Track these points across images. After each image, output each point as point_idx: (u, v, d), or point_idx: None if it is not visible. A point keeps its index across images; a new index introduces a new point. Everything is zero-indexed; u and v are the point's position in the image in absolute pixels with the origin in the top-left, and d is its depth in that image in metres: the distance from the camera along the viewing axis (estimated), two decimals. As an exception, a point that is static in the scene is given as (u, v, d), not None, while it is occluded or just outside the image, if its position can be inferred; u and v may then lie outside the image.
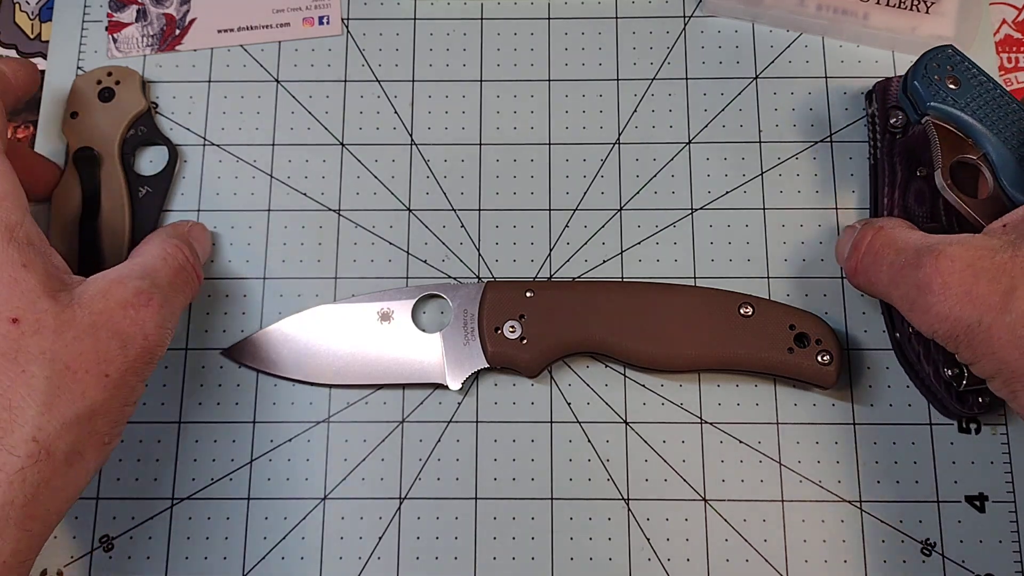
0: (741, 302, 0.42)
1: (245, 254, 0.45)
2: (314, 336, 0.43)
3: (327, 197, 0.46)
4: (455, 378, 0.42)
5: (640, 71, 0.48)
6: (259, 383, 0.43)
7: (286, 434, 0.43)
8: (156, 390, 0.43)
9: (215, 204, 0.46)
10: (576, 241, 0.45)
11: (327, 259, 0.45)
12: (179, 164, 0.46)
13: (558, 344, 0.42)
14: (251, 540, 0.41)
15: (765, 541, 0.41)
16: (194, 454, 0.42)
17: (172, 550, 0.41)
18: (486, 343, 0.42)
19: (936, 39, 0.46)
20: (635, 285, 0.43)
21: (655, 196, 0.46)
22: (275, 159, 0.47)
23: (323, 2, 0.49)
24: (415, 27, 0.48)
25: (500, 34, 0.48)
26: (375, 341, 0.43)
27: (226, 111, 0.47)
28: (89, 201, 0.44)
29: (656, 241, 0.45)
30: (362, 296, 0.44)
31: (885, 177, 0.43)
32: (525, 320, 0.42)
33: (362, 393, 0.43)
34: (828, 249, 0.45)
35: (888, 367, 0.43)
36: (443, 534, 0.41)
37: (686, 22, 0.48)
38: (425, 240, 0.45)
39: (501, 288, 0.43)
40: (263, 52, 0.48)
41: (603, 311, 0.42)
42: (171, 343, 0.44)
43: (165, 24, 0.49)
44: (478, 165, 0.46)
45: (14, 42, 0.49)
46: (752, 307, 0.42)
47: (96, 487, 0.42)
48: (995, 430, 0.42)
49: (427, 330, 0.43)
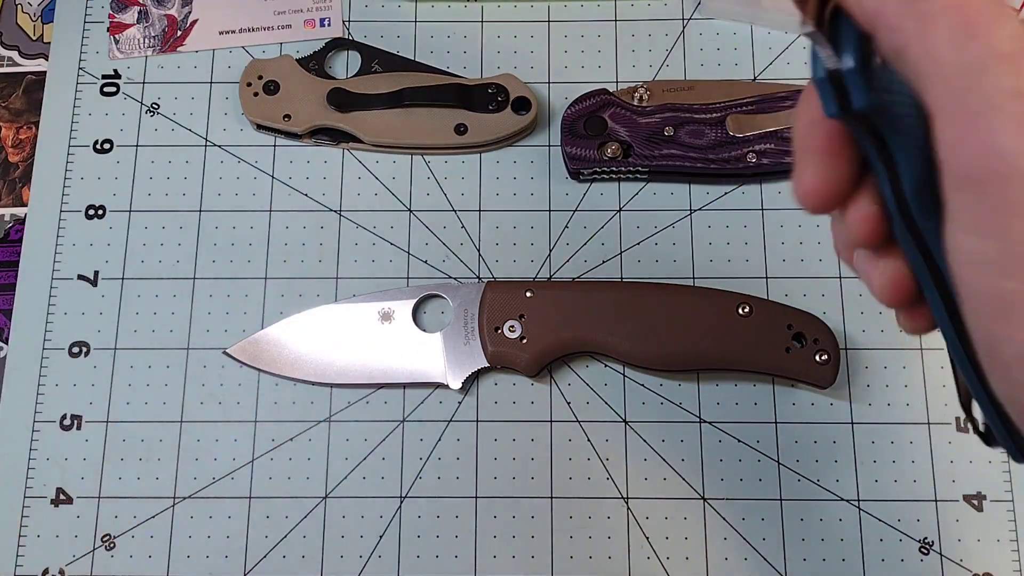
0: (739, 302, 0.42)
1: (247, 254, 0.45)
2: (315, 336, 0.43)
3: (328, 198, 0.46)
4: (455, 378, 0.42)
5: (639, 73, 0.48)
6: (260, 382, 0.43)
7: (287, 433, 0.43)
8: (158, 389, 0.43)
9: (217, 205, 0.46)
10: (576, 241, 0.45)
11: (328, 259, 0.45)
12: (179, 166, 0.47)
13: (557, 344, 0.42)
14: (252, 539, 0.42)
15: (763, 540, 0.41)
16: (196, 453, 0.43)
17: (174, 549, 0.41)
18: (486, 343, 0.42)
19: (933, 41, 0.46)
20: (634, 285, 0.44)
21: (653, 197, 0.46)
22: (277, 160, 0.47)
23: (324, 4, 0.49)
24: (415, 30, 0.49)
25: (500, 37, 0.49)
26: (376, 341, 0.43)
27: (228, 112, 0.47)
28: None
29: (655, 242, 0.45)
30: (363, 296, 0.44)
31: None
32: (525, 320, 0.42)
33: (363, 392, 0.43)
34: (826, 249, 0.45)
35: (886, 367, 0.43)
36: (443, 533, 0.42)
37: (685, 24, 0.49)
38: (426, 240, 0.45)
39: (501, 288, 0.43)
40: (264, 54, 0.48)
41: (602, 311, 0.42)
42: (173, 342, 0.44)
43: (167, 25, 0.49)
44: (478, 166, 0.47)
45: (16, 43, 0.49)
46: (750, 307, 0.42)
47: (98, 486, 0.42)
48: (993, 429, 0.42)
49: (428, 330, 0.43)
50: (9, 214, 0.47)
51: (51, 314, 0.45)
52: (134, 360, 0.44)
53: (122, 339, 0.44)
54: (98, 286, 0.45)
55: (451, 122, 0.46)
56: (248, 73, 0.47)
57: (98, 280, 0.45)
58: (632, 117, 0.45)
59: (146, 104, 0.48)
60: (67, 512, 0.42)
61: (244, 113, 0.46)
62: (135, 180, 0.47)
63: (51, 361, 0.44)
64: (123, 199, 0.46)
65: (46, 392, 0.43)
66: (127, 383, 0.44)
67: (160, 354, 0.44)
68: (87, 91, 0.48)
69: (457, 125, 0.46)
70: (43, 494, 0.42)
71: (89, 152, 0.47)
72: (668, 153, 0.44)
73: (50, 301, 0.45)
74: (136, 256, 0.45)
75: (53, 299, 0.45)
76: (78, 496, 0.42)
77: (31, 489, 0.42)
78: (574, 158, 0.45)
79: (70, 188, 0.46)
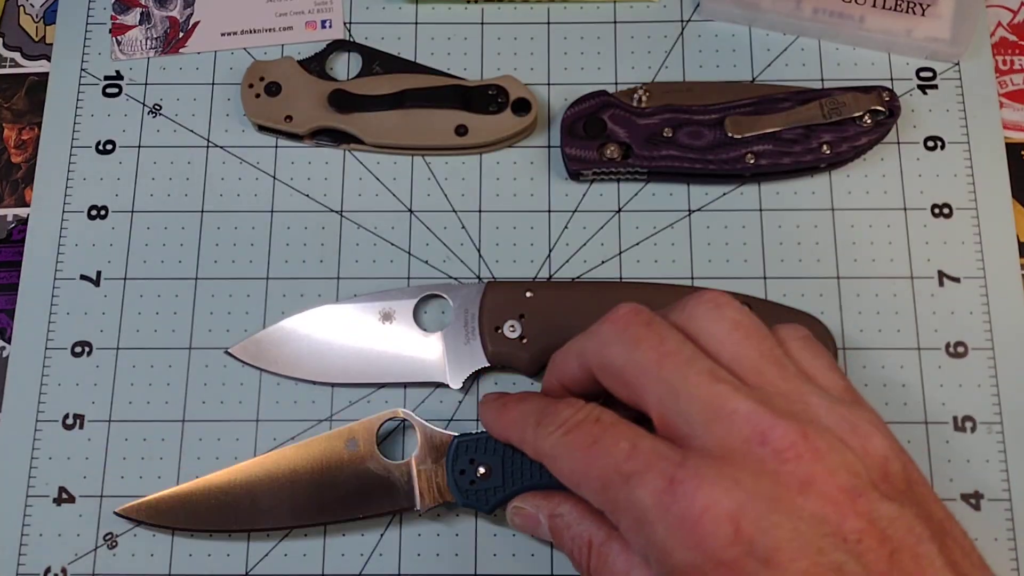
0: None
1: (248, 254, 0.46)
2: (317, 335, 0.43)
3: (329, 199, 0.46)
4: (456, 377, 0.43)
5: (638, 75, 0.48)
6: (262, 382, 0.44)
7: (289, 432, 0.43)
8: (160, 388, 0.44)
9: (219, 205, 0.46)
10: (576, 241, 0.46)
11: (329, 259, 0.45)
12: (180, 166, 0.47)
13: (557, 344, 0.42)
14: (254, 537, 0.42)
15: (762, 538, 0.41)
16: (197, 452, 0.43)
17: (176, 547, 0.42)
18: (486, 342, 0.42)
19: (932, 41, 0.47)
20: (633, 285, 0.44)
21: (653, 198, 0.46)
22: (278, 161, 0.47)
23: (326, 6, 0.49)
24: (416, 31, 0.49)
25: (500, 39, 0.49)
26: (377, 341, 0.43)
27: (229, 113, 0.48)
28: None
29: (654, 242, 0.45)
30: (364, 296, 0.44)
31: None
32: (525, 320, 0.42)
33: (364, 392, 0.43)
34: (825, 250, 0.45)
35: (883, 366, 0.43)
36: (444, 531, 0.42)
37: (683, 26, 0.49)
38: (426, 241, 0.46)
39: (501, 288, 0.43)
40: (266, 55, 0.49)
41: (601, 311, 0.42)
42: (175, 342, 0.44)
43: (169, 27, 0.49)
44: (479, 167, 0.47)
45: (19, 45, 0.50)
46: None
47: (100, 485, 0.42)
48: (991, 428, 0.43)
49: (428, 330, 0.44)
50: (12, 215, 0.47)
51: (53, 314, 0.45)
52: (136, 360, 0.44)
53: (124, 339, 0.44)
54: (100, 286, 0.45)
55: (451, 123, 0.46)
56: (250, 74, 0.47)
57: (100, 280, 0.45)
58: (631, 118, 0.45)
59: (148, 105, 0.48)
60: (69, 511, 0.42)
61: (246, 114, 0.47)
62: (137, 181, 0.47)
63: (53, 361, 0.44)
64: (125, 200, 0.46)
65: (48, 391, 0.44)
66: (129, 382, 0.44)
67: (162, 354, 0.44)
68: (89, 92, 0.48)
69: (457, 126, 0.46)
70: (45, 493, 0.42)
71: (91, 153, 0.47)
72: (667, 154, 0.45)
73: (52, 301, 0.45)
74: (138, 256, 0.46)
75: (56, 299, 0.45)
76: (80, 495, 0.42)
77: (33, 488, 0.42)
78: (574, 159, 0.45)
79: (72, 189, 0.47)
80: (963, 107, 0.47)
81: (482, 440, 0.39)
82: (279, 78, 0.47)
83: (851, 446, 0.30)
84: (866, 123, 0.45)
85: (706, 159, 0.44)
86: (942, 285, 0.45)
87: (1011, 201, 0.46)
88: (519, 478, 0.38)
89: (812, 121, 0.44)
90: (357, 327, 0.43)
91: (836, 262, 0.45)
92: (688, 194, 0.46)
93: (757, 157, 0.44)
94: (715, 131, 0.45)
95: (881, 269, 0.45)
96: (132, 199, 0.46)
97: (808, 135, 0.44)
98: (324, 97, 0.46)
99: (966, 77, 0.48)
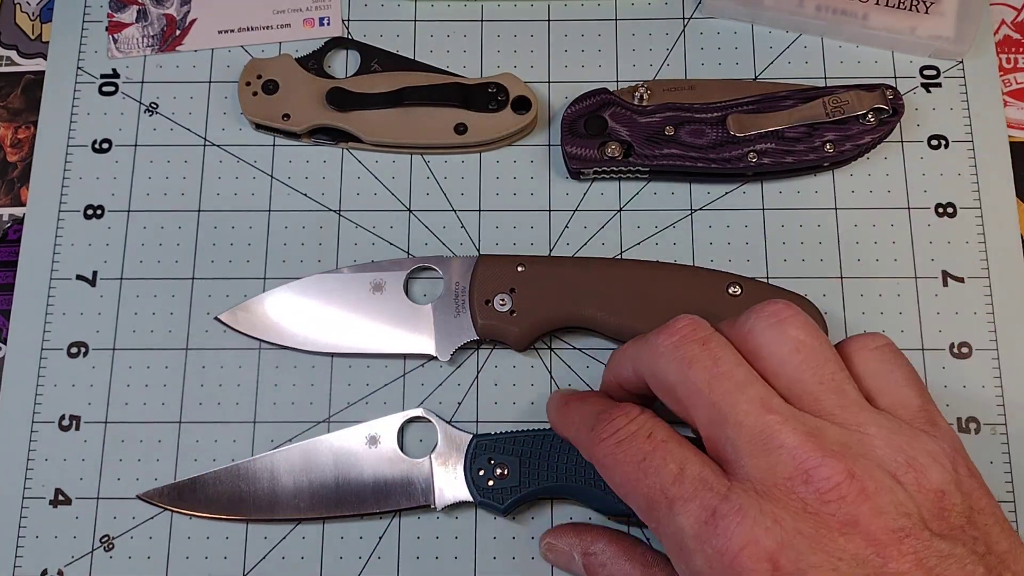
0: (729, 282, 0.42)
1: (246, 254, 0.45)
2: (306, 304, 0.43)
3: (327, 197, 0.46)
4: (444, 349, 0.42)
5: (640, 73, 0.48)
6: (260, 383, 0.43)
7: (286, 434, 0.43)
8: (156, 390, 0.43)
9: (216, 204, 0.46)
10: (576, 241, 0.45)
11: (327, 259, 0.45)
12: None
13: (547, 318, 0.42)
14: (251, 539, 0.41)
15: (765, 541, 0.41)
16: (194, 454, 0.42)
17: (172, 550, 0.41)
18: (476, 315, 0.42)
19: (935, 39, 0.46)
20: (624, 262, 0.44)
21: (654, 197, 0.46)
22: (276, 159, 0.47)
23: (324, 3, 0.49)
24: (415, 29, 0.49)
25: (500, 36, 0.48)
26: (367, 311, 0.43)
27: (227, 111, 0.47)
28: None
29: (656, 242, 0.45)
30: (355, 266, 0.44)
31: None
32: (516, 294, 0.42)
33: (363, 392, 0.43)
34: (828, 250, 0.45)
35: (887, 367, 0.43)
36: (443, 533, 0.41)
37: (685, 24, 0.49)
38: (425, 240, 0.45)
39: (493, 262, 0.43)
40: (263, 53, 0.48)
41: (593, 287, 0.42)
42: (172, 343, 0.44)
43: (165, 24, 0.49)
44: (478, 166, 0.46)
45: (15, 43, 0.49)
46: (740, 287, 0.42)
47: (96, 487, 0.42)
48: (995, 430, 0.42)
49: (418, 302, 0.43)
50: (7, 214, 0.46)
51: (49, 314, 0.44)
52: (133, 360, 0.44)
53: (121, 339, 0.44)
54: (97, 286, 0.45)
55: (451, 121, 0.46)
56: (247, 72, 0.47)
57: (97, 280, 0.45)
58: (632, 116, 0.45)
59: (145, 103, 0.48)
60: (66, 513, 0.42)
61: (243, 112, 0.46)
62: (134, 180, 0.46)
63: (49, 361, 0.44)
64: (122, 199, 0.46)
65: (44, 392, 0.43)
66: (126, 383, 0.43)
67: (159, 354, 0.44)
68: (86, 90, 0.48)
69: (457, 124, 0.46)
70: (41, 495, 0.42)
71: (88, 152, 0.47)
72: (669, 153, 0.44)
73: (48, 301, 0.45)
74: (135, 256, 0.45)
75: (51, 299, 0.45)
76: (77, 497, 0.42)
77: (29, 490, 0.42)
78: (574, 158, 0.45)
79: (68, 188, 0.46)
80: (967, 105, 0.47)
81: (500, 440, 0.39)
82: (277, 76, 0.46)
83: (903, 482, 0.29)
84: (869, 121, 0.44)
85: (708, 158, 0.44)
86: (946, 285, 0.44)
87: (1015, 200, 0.45)
88: (537, 479, 0.38)
89: (815, 119, 0.44)
90: (347, 297, 0.43)
91: (839, 262, 0.44)
92: (690, 193, 0.46)
93: (759, 156, 0.44)
94: (717, 129, 0.44)
95: (885, 269, 0.44)
96: (128, 198, 0.46)
97: (811, 134, 0.44)
98: (322, 95, 0.46)
99: (970, 75, 0.47)
